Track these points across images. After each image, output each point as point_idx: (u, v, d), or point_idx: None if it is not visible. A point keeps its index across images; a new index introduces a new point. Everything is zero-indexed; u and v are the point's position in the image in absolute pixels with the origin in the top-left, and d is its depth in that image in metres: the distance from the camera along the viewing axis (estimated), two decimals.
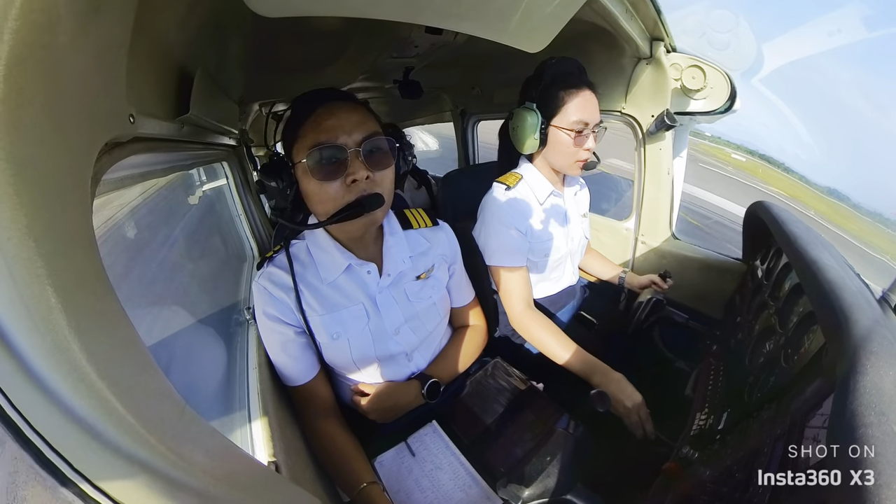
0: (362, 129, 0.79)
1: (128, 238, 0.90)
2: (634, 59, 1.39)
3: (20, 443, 0.29)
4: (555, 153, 1.22)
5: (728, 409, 0.97)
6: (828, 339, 0.71)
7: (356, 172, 0.77)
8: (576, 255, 1.44)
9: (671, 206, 1.65)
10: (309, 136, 0.77)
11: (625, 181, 3.89)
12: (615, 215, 1.91)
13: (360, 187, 0.78)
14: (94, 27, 0.36)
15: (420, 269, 0.98)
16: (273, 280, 0.88)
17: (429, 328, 0.99)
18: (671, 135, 1.50)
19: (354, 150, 0.77)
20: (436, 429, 0.98)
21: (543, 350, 1.19)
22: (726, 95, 1.33)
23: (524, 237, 1.25)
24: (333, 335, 0.88)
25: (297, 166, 0.80)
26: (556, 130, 1.17)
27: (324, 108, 0.78)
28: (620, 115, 1.59)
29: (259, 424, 0.75)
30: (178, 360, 0.82)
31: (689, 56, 1.34)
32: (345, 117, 0.78)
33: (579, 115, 1.15)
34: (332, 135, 0.77)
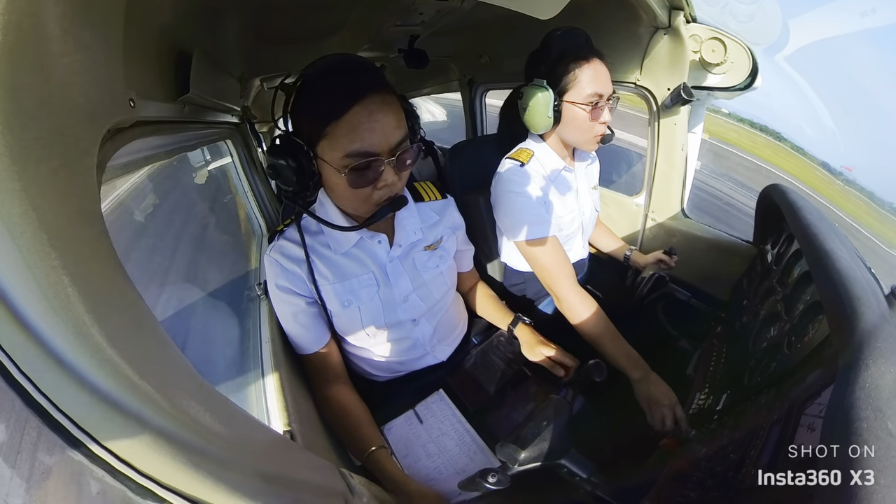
0: (397, 134, 0.76)
1: (137, 221, 0.91)
2: (651, 28, 1.31)
3: (50, 426, 0.30)
4: (570, 129, 1.18)
5: (728, 390, 0.99)
6: (832, 331, 0.71)
7: (387, 179, 0.78)
8: (588, 229, 1.44)
9: (683, 183, 1.61)
10: (343, 139, 0.73)
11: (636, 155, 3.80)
12: (625, 190, 1.87)
13: (386, 190, 0.80)
14: (85, 14, 0.35)
15: (430, 239, 1.01)
16: (284, 253, 0.90)
17: (436, 296, 1.02)
18: (686, 110, 1.44)
19: (388, 160, 0.76)
20: (443, 397, 1.02)
21: (587, 337, 1.17)
22: (747, 71, 1.26)
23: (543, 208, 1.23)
24: (345, 303, 0.91)
25: (321, 161, 0.77)
26: (570, 106, 1.13)
27: (361, 107, 0.72)
28: (635, 87, 1.53)
29: (273, 396, 0.78)
30: (194, 336, 0.86)
31: (709, 28, 1.26)
32: (383, 121, 0.74)
33: (593, 87, 1.10)
34: (371, 143, 0.73)
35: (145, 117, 0.56)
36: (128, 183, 0.89)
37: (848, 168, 8.49)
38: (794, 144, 8.85)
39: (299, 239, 0.89)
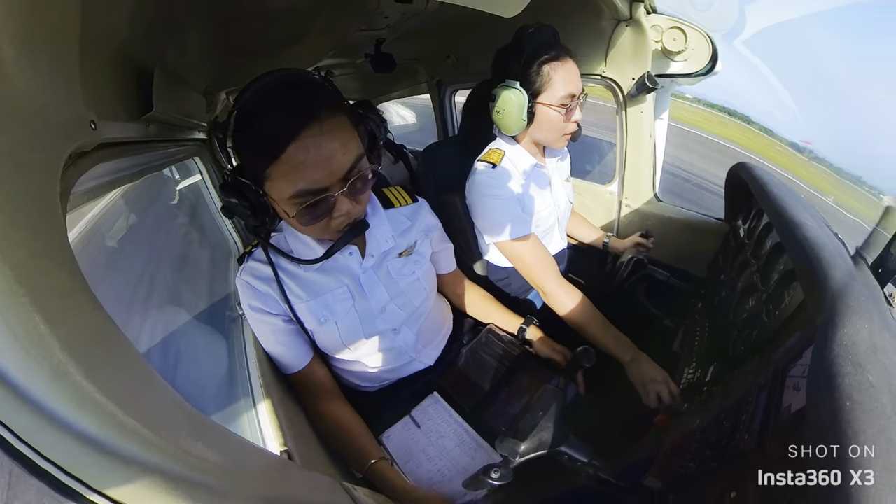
0: (346, 160, 0.70)
1: (109, 247, 0.87)
2: (614, 20, 1.35)
3: (36, 475, 0.29)
4: (542, 130, 1.19)
5: (714, 362, 1.03)
6: (807, 295, 0.75)
7: (342, 208, 0.74)
8: (563, 221, 1.46)
9: (654, 169, 1.66)
10: (284, 182, 0.68)
11: (606, 144, 3.89)
12: (598, 179, 1.91)
13: (344, 218, 0.77)
14: (39, 34, 0.34)
15: (402, 246, 0.99)
16: (254, 274, 0.88)
17: (415, 303, 1.00)
18: (652, 97, 1.49)
19: (340, 192, 0.72)
20: (437, 399, 1.02)
21: (576, 326, 1.19)
22: (708, 57, 1.31)
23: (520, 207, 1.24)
24: (321, 319, 0.89)
25: (271, 200, 0.74)
26: (543, 108, 1.13)
27: (297, 144, 0.65)
28: (601, 79, 1.57)
29: (266, 417, 0.76)
30: (179, 363, 0.83)
31: (669, 17, 1.31)
32: (326, 152, 0.67)
33: (567, 88, 1.11)
34: (315, 180, 0.68)
35: (108, 139, 0.54)
36: (95, 209, 0.85)
37: (807, 142, 8.96)
38: (761, 126, 9.29)
39: (267, 259, 0.87)
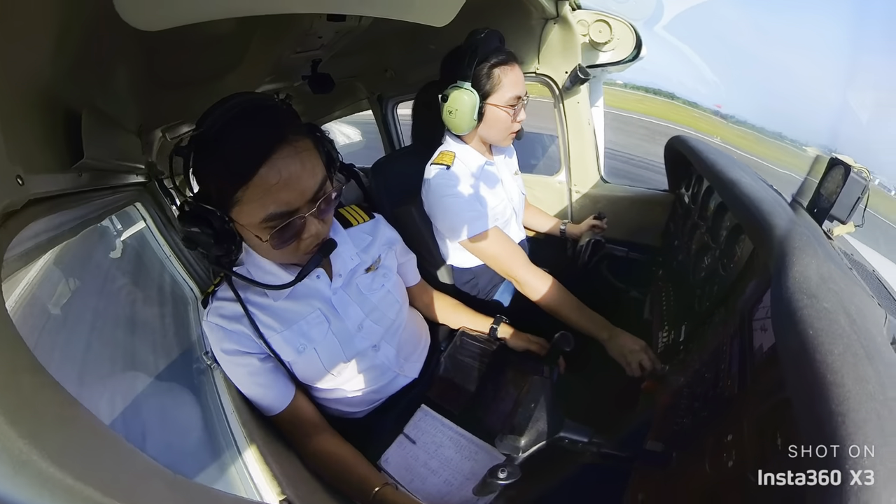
0: (314, 182, 0.72)
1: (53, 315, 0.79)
2: (542, 20, 1.43)
3: None
4: (490, 129, 1.24)
5: (684, 321, 1.09)
6: (756, 245, 0.82)
7: (311, 229, 0.75)
8: (519, 213, 1.51)
9: (596, 154, 1.75)
10: (255, 205, 0.68)
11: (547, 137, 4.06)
12: (545, 171, 1.99)
13: (313, 239, 0.77)
14: None
15: (368, 261, 0.99)
16: (222, 314, 0.84)
17: (390, 316, 1.00)
18: (586, 87, 1.58)
19: (310, 213, 0.72)
20: (427, 412, 1.01)
21: (551, 311, 1.22)
22: (632, 45, 1.43)
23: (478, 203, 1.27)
24: (299, 348, 0.87)
25: (239, 226, 0.73)
26: (493, 108, 1.18)
27: (269, 167, 0.65)
28: (536, 76, 1.65)
29: (257, 467, 0.72)
30: (146, 431, 0.76)
31: (593, 11, 1.42)
32: (296, 174, 0.68)
33: (514, 91, 1.17)
34: (287, 203, 0.69)
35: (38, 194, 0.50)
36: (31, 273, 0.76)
37: (718, 106, 9.95)
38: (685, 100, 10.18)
39: (233, 295, 0.84)
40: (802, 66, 20.61)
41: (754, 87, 18.34)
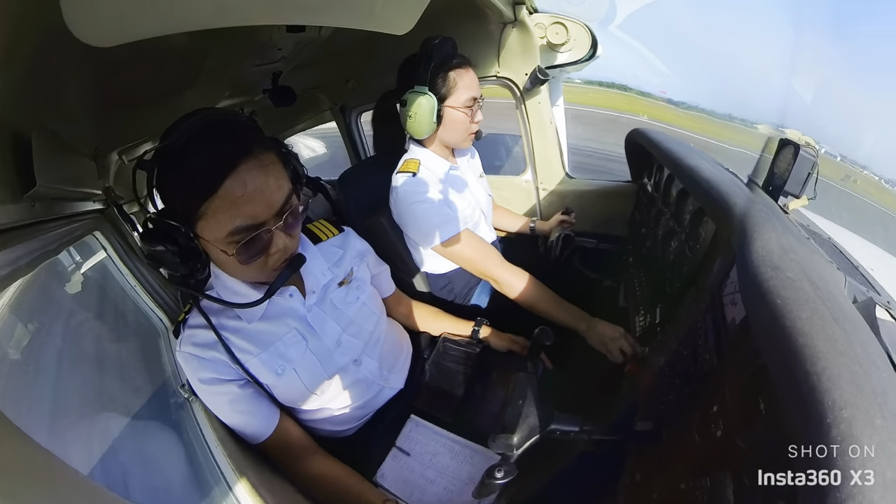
0: (280, 195, 0.71)
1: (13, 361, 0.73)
2: (500, 24, 1.47)
3: None
4: (450, 132, 1.27)
5: (658, 304, 1.14)
6: (718, 225, 0.87)
7: (279, 244, 0.74)
8: (488, 214, 1.53)
9: (560, 151, 1.81)
10: (222, 218, 0.67)
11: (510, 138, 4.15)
12: (511, 171, 2.03)
13: (281, 254, 0.75)
14: None
15: (340, 275, 0.98)
16: (195, 342, 0.81)
17: (368, 328, 0.98)
18: (546, 88, 1.63)
19: (277, 227, 0.72)
20: (417, 422, 1.00)
21: (530, 307, 1.24)
22: (588, 45, 1.49)
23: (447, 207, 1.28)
24: (277, 370, 0.84)
25: (204, 241, 0.71)
26: (451, 111, 1.22)
27: (235, 178, 0.65)
28: (497, 79, 1.68)
29: (249, 500, 0.69)
30: (127, 476, 0.71)
31: (550, 14, 1.47)
32: (262, 187, 0.68)
33: (470, 92, 1.21)
34: (253, 215, 0.68)
35: None
36: None
37: (662, 91, 10.54)
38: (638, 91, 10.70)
39: (205, 321, 0.81)
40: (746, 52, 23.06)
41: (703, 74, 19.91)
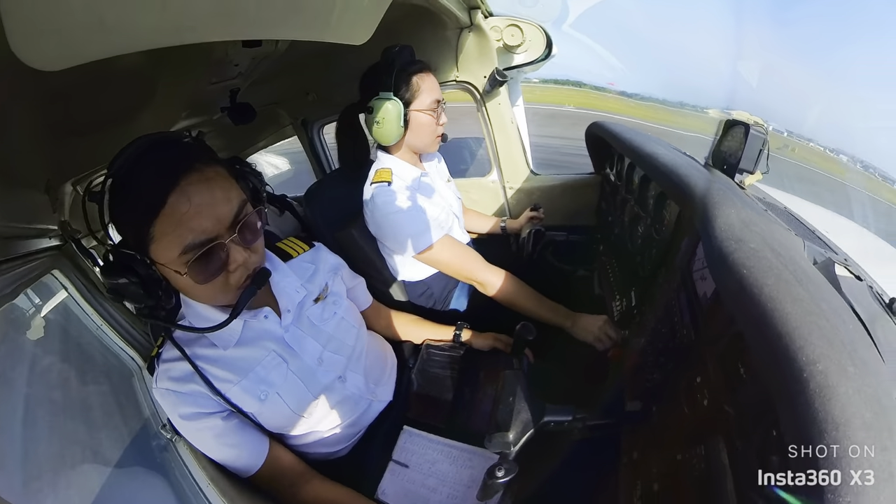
0: (230, 206, 0.69)
1: None
2: (457, 29, 1.50)
3: None
4: (417, 135, 1.27)
5: (633, 288, 1.19)
6: (681, 206, 0.91)
7: (237, 258, 0.71)
8: (460, 217, 1.55)
9: (523, 149, 1.85)
10: (171, 237, 0.65)
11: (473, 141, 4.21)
12: (477, 173, 2.06)
13: (242, 269, 0.73)
14: None
15: (315, 291, 0.95)
16: (171, 376, 0.77)
17: (349, 343, 0.96)
18: (505, 89, 1.67)
19: (231, 239, 0.69)
20: (411, 432, 0.99)
21: (513, 306, 1.26)
22: (544, 45, 1.55)
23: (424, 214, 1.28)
24: (260, 396, 0.81)
25: (160, 266, 0.68)
26: (416, 114, 1.23)
27: (178, 194, 0.64)
28: (456, 84, 1.71)
29: None
30: None
31: (505, 17, 1.52)
32: (208, 199, 0.66)
33: (433, 95, 1.23)
34: (202, 229, 0.66)
35: None
36: None
37: (611, 83, 11.06)
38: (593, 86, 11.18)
39: (179, 354, 0.78)
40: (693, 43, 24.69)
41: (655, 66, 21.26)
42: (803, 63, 12.76)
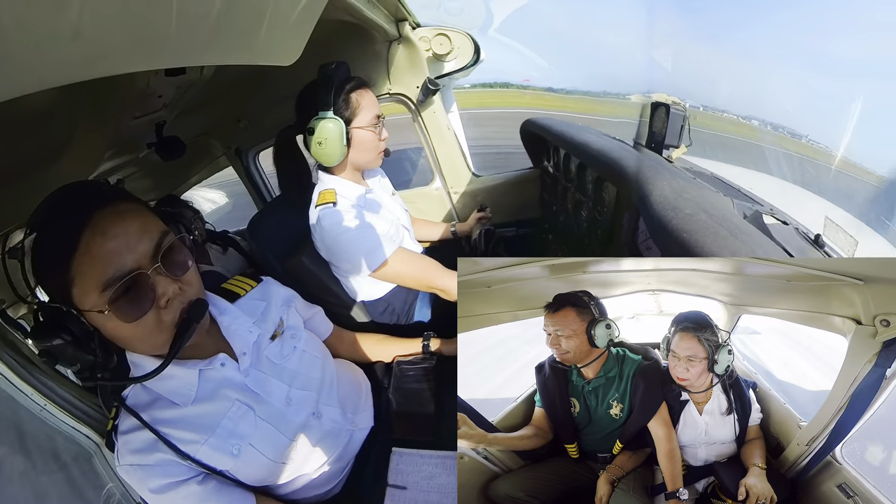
0: (149, 236, 0.65)
1: None
2: (386, 42, 1.49)
3: None
4: (360, 153, 1.23)
5: None
6: (618, 187, 0.99)
7: (166, 291, 0.65)
8: (410, 229, 1.51)
9: (462, 154, 1.88)
10: (90, 275, 0.60)
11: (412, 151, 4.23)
12: (420, 183, 2.06)
13: (176, 302, 0.67)
14: None
15: (270, 328, 0.89)
16: (133, 449, 0.70)
17: (316, 376, 0.91)
18: (438, 97, 1.70)
19: (153, 268, 0.64)
20: (401, 453, 0.94)
21: None
22: (472, 51, 1.59)
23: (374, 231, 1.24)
24: (233, 451, 0.75)
25: (88, 314, 0.62)
26: (358, 131, 1.19)
27: (91, 230, 0.60)
28: (390, 97, 1.71)
29: None
30: None
31: (432, 27, 1.53)
32: (122, 230, 0.62)
33: (374, 110, 1.20)
34: (120, 262, 0.61)
35: None
36: None
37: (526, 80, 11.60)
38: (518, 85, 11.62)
39: (137, 422, 0.70)
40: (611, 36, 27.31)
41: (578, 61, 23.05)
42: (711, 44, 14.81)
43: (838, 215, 0.76)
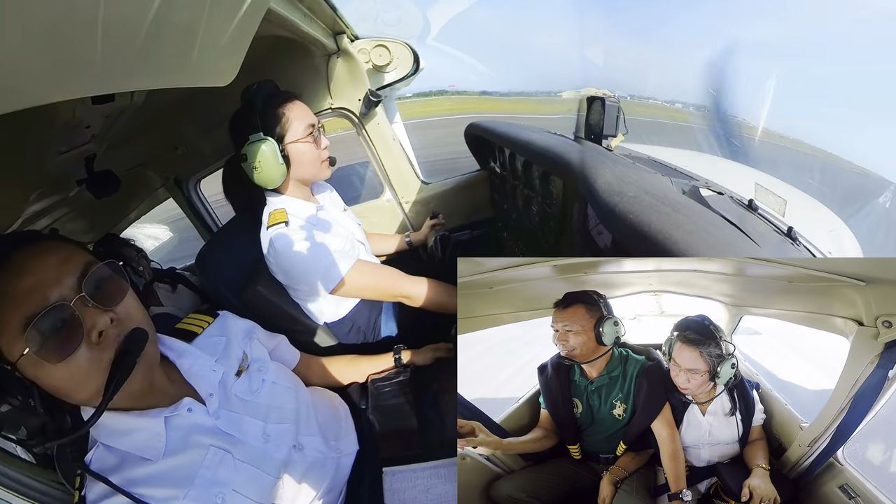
0: (72, 267, 0.59)
1: None
2: (325, 56, 1.45)
3: None
4: (302, 166, 1.17)
5: None
6: (564, 179, 1.03)
7: (96, 323, 0.58)
8: (366, 244, 1.46)
9: (409, 163, 1.86)
10: (12, 318, 0.54)
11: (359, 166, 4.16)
12: (370, 196, 2.02)
13: (111, 336, 0.60)
14: None
15: (234, 364, 0.84)
16: None
17: (291, 406, 0.87)
18: (381, 108, 1.67)
19: (78, 299, 0.57)
20: (393, 472, 0.91)
21: (447, 309, 1.20)
22: (411, 61, 1.58)
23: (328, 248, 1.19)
24: (217, 501, 0.69)
25: (18, 364, 0.55)
26: (294, 146, 1.13)
27: (7, 271, 0.56)
28: (332, 111, 1.66)
29: None
30: None
31: (371, 39, 1.51)
32: (41, 266, 0.57)
33: (305, 120, 1.13)
34: (41, 298, 0.55)
35: None
36: None
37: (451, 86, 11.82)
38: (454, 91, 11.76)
39: (106, 487, 0.63)
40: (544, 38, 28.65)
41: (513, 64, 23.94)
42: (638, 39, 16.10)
43: (766, 180, 0.85)
